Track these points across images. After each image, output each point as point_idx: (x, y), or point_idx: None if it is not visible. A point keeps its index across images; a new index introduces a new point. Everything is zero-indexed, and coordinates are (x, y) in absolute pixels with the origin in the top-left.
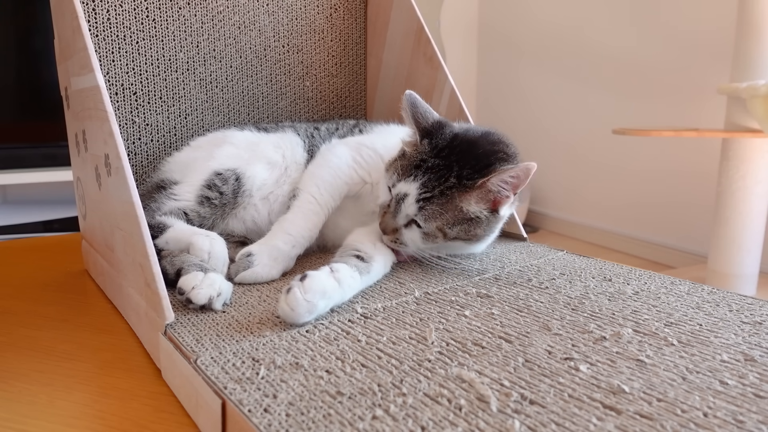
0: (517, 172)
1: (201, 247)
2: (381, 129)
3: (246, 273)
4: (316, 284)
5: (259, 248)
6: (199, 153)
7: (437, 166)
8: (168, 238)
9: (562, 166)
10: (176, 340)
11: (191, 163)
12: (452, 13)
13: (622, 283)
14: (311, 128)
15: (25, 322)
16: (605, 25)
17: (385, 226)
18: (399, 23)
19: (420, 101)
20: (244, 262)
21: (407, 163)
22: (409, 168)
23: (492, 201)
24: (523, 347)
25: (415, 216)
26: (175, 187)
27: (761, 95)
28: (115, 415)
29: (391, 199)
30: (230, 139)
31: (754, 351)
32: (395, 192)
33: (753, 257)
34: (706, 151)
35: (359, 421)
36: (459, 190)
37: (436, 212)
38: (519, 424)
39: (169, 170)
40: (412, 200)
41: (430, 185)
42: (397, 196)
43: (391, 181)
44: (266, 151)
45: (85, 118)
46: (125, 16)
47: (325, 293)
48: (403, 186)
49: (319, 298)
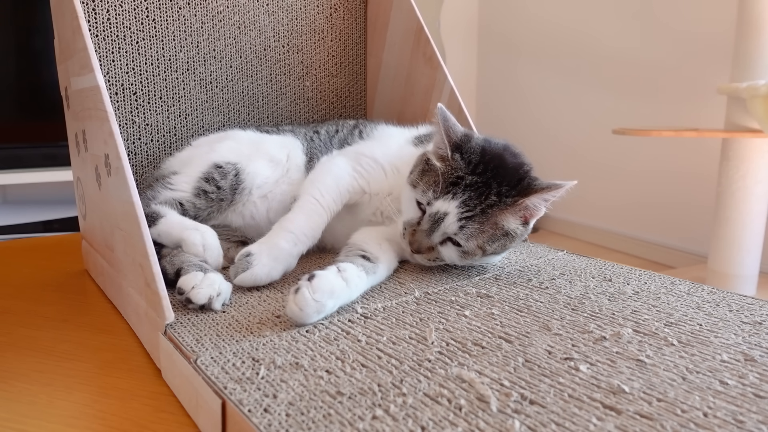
0: (561, 192)
1: (193, 241)
2: (380, 132)
3: (244, 275)
4: (324, 284)
5: (259, 248)
6: (201, 149)
7: (476, 184)
8: (160, 230)
9: (562, 166)
10: (176, 340)
11: (192, 158)
12: (452, 13)
13: (622, 283)
14: (311, 132)
15: (25, 322)
16: (605, 25)
17: (419, 245)
18: (399, 23)
19: (449, 114)
20: (243, 263)
21: (442, 180)
22: (446, 185)
23: (526, 215)
24: (523, 347)
25: (454, 235)
26: (173, 177)
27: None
28: (115, 415)
29: (421, 216)
30: (233, 135)
31: (754, 351)
32: (432, 210)
33: (753, 257)
34: (706, 151)
35: (359, 421)
36: (499, 208)
37: (477, 231)
38: (519, 424)
39: (169, 166)
40: (454, 219)
41: (472, 204)
42: (436, 215)
43: (425, 198)
44: (270, 149)
45: (85, 118)
46: (125, 16)
47: (333, 293)
48: (442, 204)
49: (327, 298)
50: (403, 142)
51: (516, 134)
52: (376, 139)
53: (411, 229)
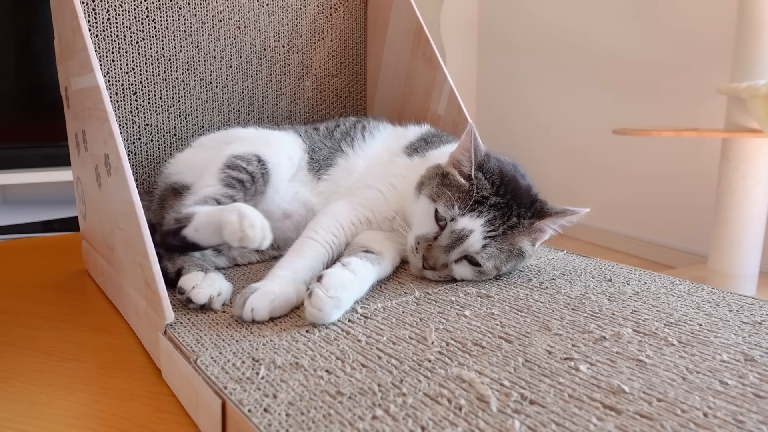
0: (575, 219)
1: (231, 219)
2: (376, 141)
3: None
4: (334, 279)
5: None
6: (209, 152)
7: (499, 205)
8: (197, 224)
9: (561, 166)
10: (176, 340)
11: (203, 163)
12: (452, 13)
13: (622, 283)
14: (310, 129)
15: (25, 322)
16: (605, 25)
17: (435, 261)
18: (398, 23)
19: (476, 132)
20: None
21: (465, 196)
22: (470, 202)
23: (537, 237)
24: (523, 347)
25: (476, 254)
26: (194, 186)
27: (761, 95)
28: (115, 415)
29: (438, 231)
30: (239, 134)
31: (754, 351)
32: (457, 227)
33: (753, 257)
34: (706, 151)
35: (359, 421)
36: (518, 230)
37: (498, 251)
38: (519, 424)
39: (177, 172)
40: (479, 237)
41: (496, 224)
42: (460, 232)
43: (449, 214)
44: (285, 145)
45: (85, 118)
46: (125, 16)
47: (345, 286)
48: (468, 222)
49: (341, 291)
50: (394, 154)
51: (516, 134)
52: (367, 167)
53: (426, 244)
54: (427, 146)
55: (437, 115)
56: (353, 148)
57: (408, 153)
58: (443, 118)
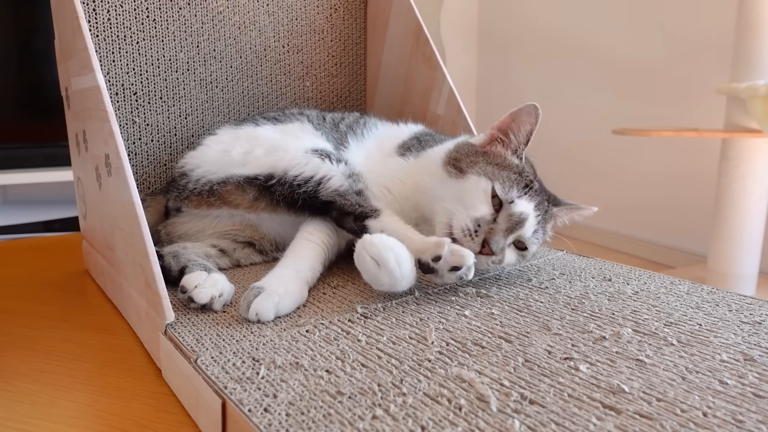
0: (585, 214)
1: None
2: (371, 141)
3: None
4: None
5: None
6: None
7: (540, 191)
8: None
9: (561, 166)
10: (176, 340)
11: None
12: (452, 13)
13: (622, 283)
14: (320, 118)
15: (25, 322)
16: (605, 25)
17: (497, 246)
18: (398, 23)
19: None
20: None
21: (519, 178)
22: (523, 185)
23: (553, 224)
24: (523, 347)
25: (527, 238)
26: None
27: (761, 95)
28: (116, 414)
29: (494, 214)
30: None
31: (754, 351)
32: (517, 209)
33: (753, 257)
34: (705, 151)
35: (359, 421)
36: (548, 216)
37: (540, 237)
38: (519, 424)
39: (197, 163)
40: (533, 222)
41: (541, 209)
42: (520, 215)
43: (510, 196)
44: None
45: (86, 118)
46: (125, 16)
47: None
48: (525, 205)
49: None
50: (387, 153)
51: None
52: (364, 156)
53: (488, 227)
54: (420, 146)
55: (437, 115)
56: (354, 142)
57: (401, 153)
58: (443, 118)
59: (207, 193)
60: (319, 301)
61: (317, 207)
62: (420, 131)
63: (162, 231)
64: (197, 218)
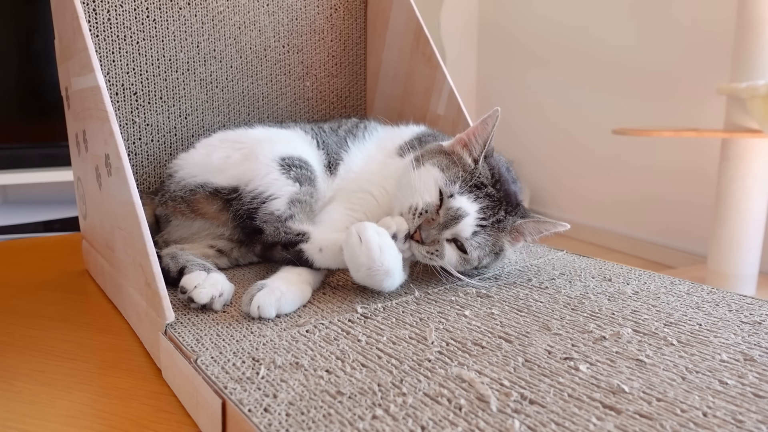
0: (553, 229)
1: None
2: (372, 143)
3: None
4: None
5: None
6: (231, 152)
7: (493, 196)
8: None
9: (561, 165)
10: (176, 340)
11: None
12: (452, 13)
13: (622, 283)
14: (316, 127)
15: (25, 322)
16: (605, 25)
17: (427, 236)
18: (398, 23)
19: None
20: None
21: (468, 177)
22: (470, 184)
23: (515, 240)
24: (523, 347)
25: (465, 240)
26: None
27: (761, 95)
28: (116, 414)
29: (438, 205)
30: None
31: (754, 351)
32: (455, 204)
33: (753, 257)
34: (705, 151)
35: (359, 421)
36: (503, 225)
37: (483, 242)
38: (519, 424)
39: (188, 172)
40: (472, 222)
41: (488, 213)
42: (457, 211)
43: (450, 189)
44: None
45: (86, 118)
46: (125, 16)
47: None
48: (465, 203)
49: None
50: (387, 155)
51: (516, 134)
52: (365, 157)
53: (428, 217)
54: (422, 146)
55: (437, 115)
56: (355, 144)
57: (401, 154)
58: (443, 118)
59: (180, 200)
60: (319, 301)
61: (248, 229)
62: (422, 132)
63: (159, 240)
64: (189, 221)
